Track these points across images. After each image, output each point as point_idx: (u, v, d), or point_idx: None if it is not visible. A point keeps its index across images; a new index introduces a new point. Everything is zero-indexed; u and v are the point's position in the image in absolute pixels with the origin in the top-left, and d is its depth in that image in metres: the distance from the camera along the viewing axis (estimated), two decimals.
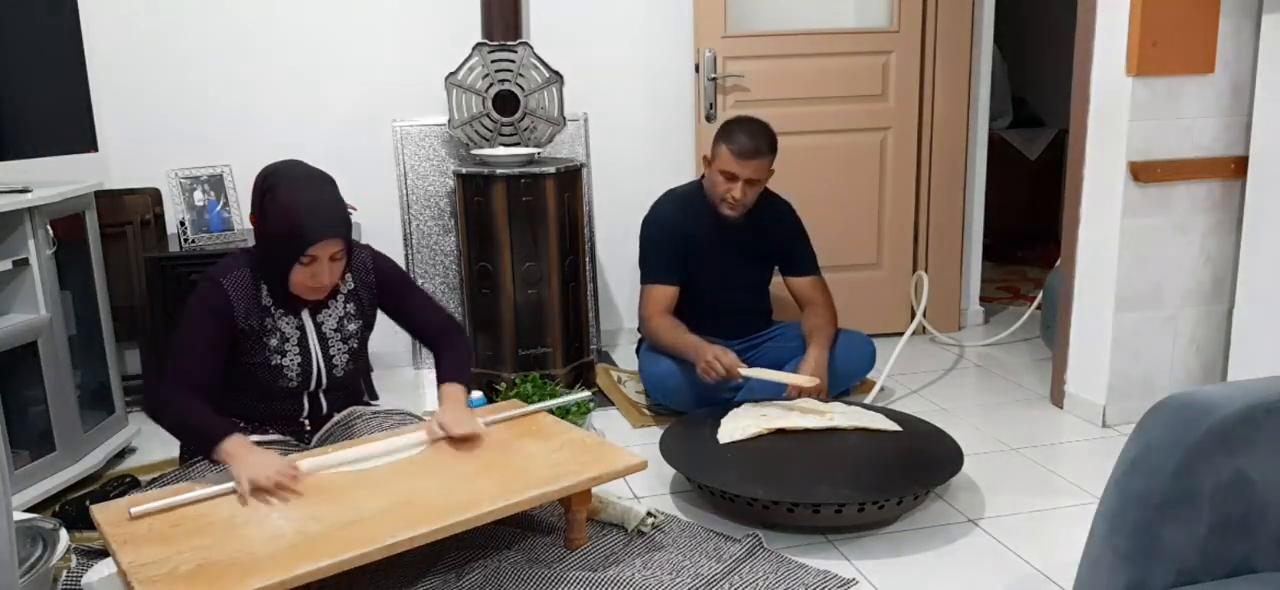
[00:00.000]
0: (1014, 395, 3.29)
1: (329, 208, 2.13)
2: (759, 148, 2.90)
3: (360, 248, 2.36)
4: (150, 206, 3.27)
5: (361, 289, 2.33)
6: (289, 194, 2.10)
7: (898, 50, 3.72)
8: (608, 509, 2.31)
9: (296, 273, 2.12)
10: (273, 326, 2.20)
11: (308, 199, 2.11)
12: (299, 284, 2.15)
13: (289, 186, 2.12)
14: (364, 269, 2.34)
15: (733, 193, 2.92)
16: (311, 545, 1.77)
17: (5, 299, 2.55)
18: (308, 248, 2.08)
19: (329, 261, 2.13)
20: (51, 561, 1.93)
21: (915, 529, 2.32)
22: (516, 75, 3.43)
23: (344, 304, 2.30)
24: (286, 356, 2.22)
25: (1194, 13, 2.75)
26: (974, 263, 4.07)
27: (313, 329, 2.25)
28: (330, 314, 2.28)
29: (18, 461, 2.49)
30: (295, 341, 2.23)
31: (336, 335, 2.29)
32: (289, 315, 2.23)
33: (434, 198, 3.62)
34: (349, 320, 2.30)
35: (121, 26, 3.29)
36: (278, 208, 2.10)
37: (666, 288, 3.02)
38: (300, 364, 2.24)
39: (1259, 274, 2.74)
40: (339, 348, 2.29)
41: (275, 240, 2.12)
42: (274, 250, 2.13)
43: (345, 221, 2.16)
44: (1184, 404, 1.34)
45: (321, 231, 2.08)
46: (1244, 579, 1.35)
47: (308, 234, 2.07)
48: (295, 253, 2.09)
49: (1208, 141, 2.85)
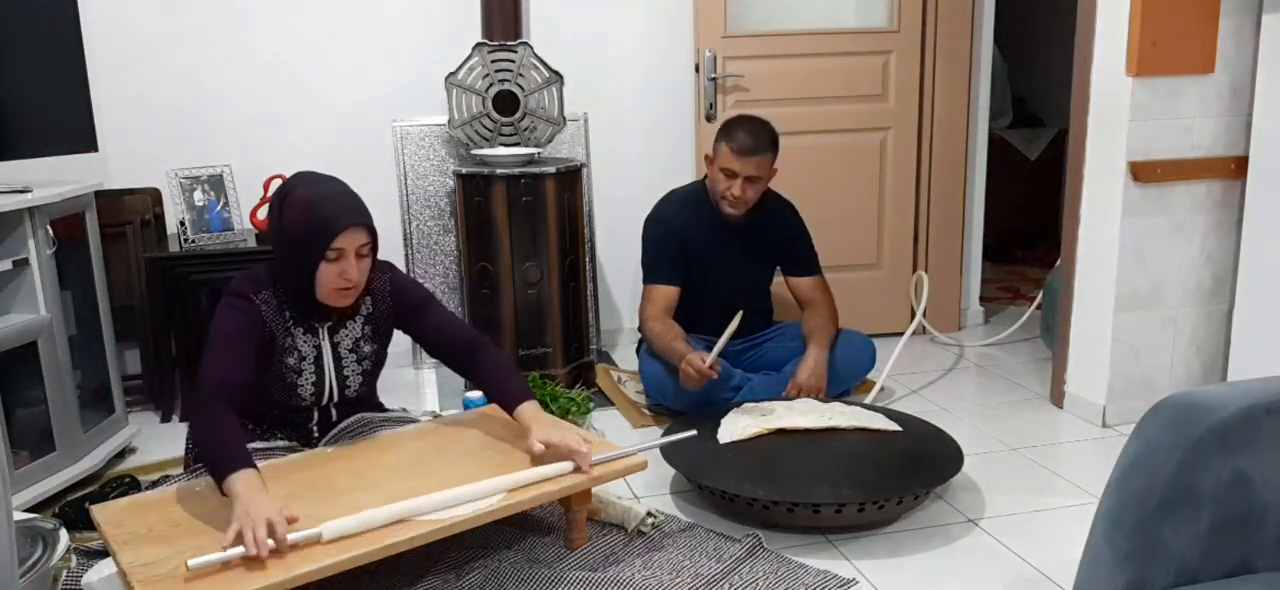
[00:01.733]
0: (1014, 395, 3.29)
1: (350, 199, 2.11)
2: (760, 145, 2.90)
3: (382, 266, 2.29)
4: (150, 206, 3.27)
5: (380, 313, 2.29)
6: (306, 193, 2.09)
7: (898, 50, 3.72)
8: (608, 509, 2.31)
9: (324, 273, 2.07)
10: (291, 345, 2.18)
11: (325, 191, 2.10)
12: (327, 286, 2.09)
13: (304, 187, 2.11)
14: (382, 293, 2.29)
15: (733, 190, 2.92)
16: (311, 545, 1.77)
17: (5, 299, 2.55)
18: (333, 238, 2.04)
19: (356, 257, 2.08)
20: (51, 562, 1.93)
21: (915, 529, 2.32)
22: (516, 75, 3.43)
23: (362, 325, 2.27)
24: (302, 375, 2.20)
25: (1194, 13, 2.75)
26: (974, 263, 4.07)
27: (329, 348, 2.23)
28: (347, 334, 2.25)
29: (18, 462, 2.49)
30: (311, 361, 2.21)
31: (352, 356, 2.26)
32: (307, 334, 2.20)
33: (434, 198, 3.62)
34: (365, 341, 2.28)
35: (121, 26, 3.29)
36: (296, 208, 2.07)
37: (667, 288, 3.02)
38: (315, 383, 2.23)
39: (1259, 274, 2.74)
40: (353, 368, 2.28)
41: (298, 242, 2.07)
42: (300, 252, 2.08)
43: (366, 211, 2.12)
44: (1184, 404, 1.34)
45: (345, 217, 2.06)
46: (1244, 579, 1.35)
47: (332, 223, 2.04)
48: (321, 247, 2.04)
49: (1208, 141, 2.85)
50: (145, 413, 3.24)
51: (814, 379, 2.91)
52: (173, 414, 3.20)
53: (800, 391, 2.89)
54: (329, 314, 2.19)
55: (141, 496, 2.10)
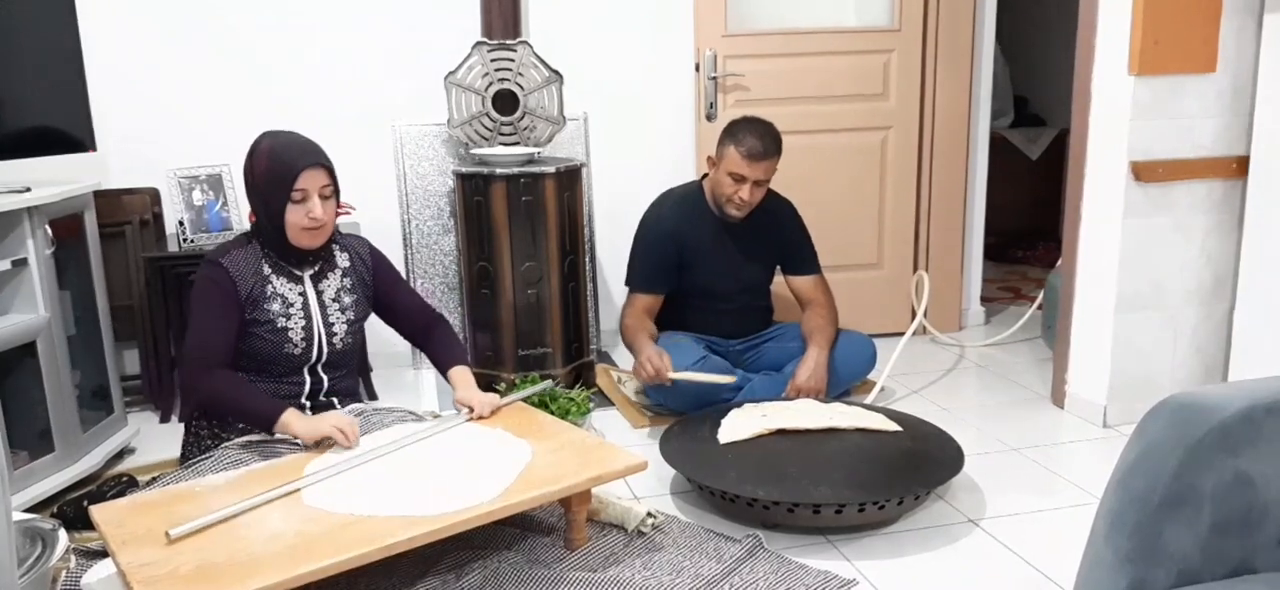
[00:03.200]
0: (1015, 395, 3.28)
1: (306, 142, 2.29)
2: (768, 150, 2.90)
3: (357, 240, 2.50)
4: (149, 206, 3.28)
5: (359, 267, 2.46)
6: (268, 142, 2.28)
7: (899, 49, 3.72)
8: (608, 509, 2.30)
9: (291, 214, 2.24)
10: (274, 292, 2.31)
11: (285, 140, 2.28)
12: (295, 227, 2.25)
13: (266, 139, 2.30)
14: (360, 255, 2.47)
15: (741, 194, 2.92)
16: (311, 546, 1.77)
17: (4, 299, 2.55)
18: (296, 177, 2.21)
19: (320, 198, 2.25)
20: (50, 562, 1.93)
21: (915, 529, 2.32)
22: (516, 74, 3.43)
23: (341, 277, 2.42)
24: (290, 319, 2.32)
25: (1195, 12, 2.74)
26: (975, 262, 4.07)
27: (314, 295, 2.36)
28: (329, 284, 2.39)
29: (17, 462, 2.49)
30: (299, 307, 2.33)
31: (335, 305, 2.39)
32: (291, 283, 2.33)
33: (433, 197, 3.61)
34: (346, 293, 2.41)
35: (121, 26, 3.29)
36: (260, 157, 2.26)
37: (648, 297, 3.04)
38: (304, 328, 2.33)
39: (1260, 274, 2.74)
40: (338, 317, 2.39)
41: (265, 185, 2.24)
42: (268, 197, 2.25)
43: (323, 153, 2.28)
44: (1185, 404, 1.34)
45: (303, 158, 2.23)
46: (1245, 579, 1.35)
47: (292, 165, 2.22)
48: (286, 188, 2.21)
49: (1209, 141, 2.85)
50: (144, 413, 3.24)
51: (813, 380, 2.91)
52: (171, 414, 3.19)
53: (800, 393, 2.89)
54: (307, 260, 2.35)
55: (141, 496, 2.09)
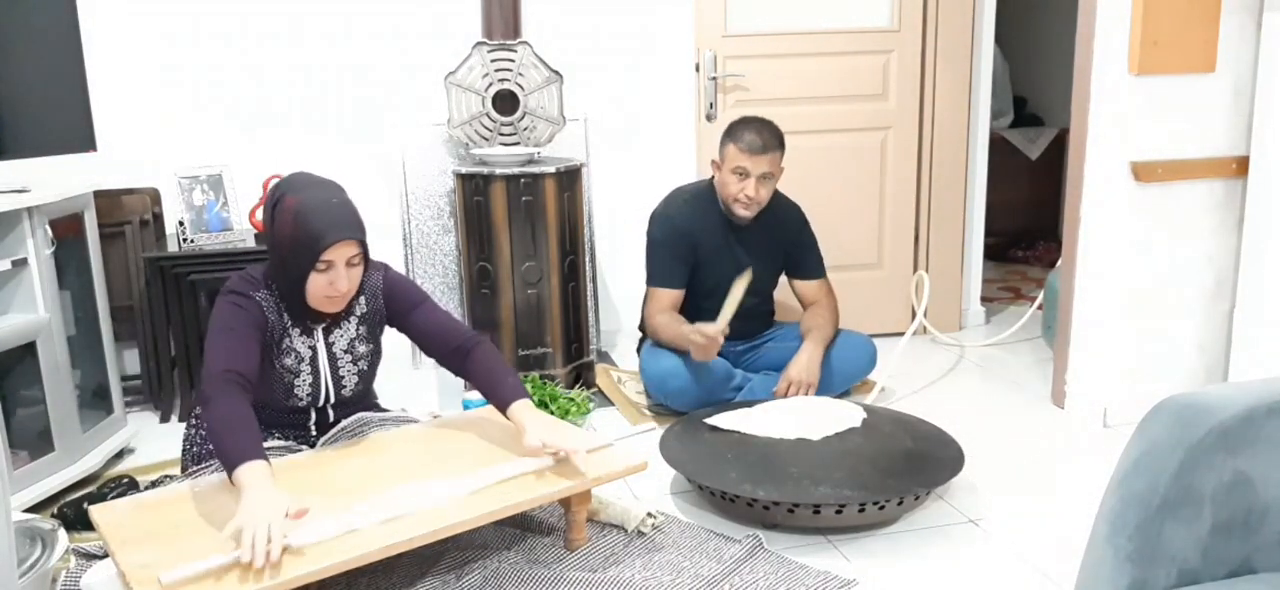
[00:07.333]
0: (1015, 395, 3.28)
1: (340, 209, 2.08)
2: (769, 142, 2.90)
3: (374, 266, 2.28)
4: (149, 206, 3.27)
5: (374, 305, 2.29)
6: (297, 201, 2.05)
7: (898, 50, 3.72)
8: (608, 509, 2.30)
9: (313, 282, 2.07)
10: (289, 346, 2.18)
11: (317, 202, 2.06)
12: (316, 294, 2.09)
13: (296, 194, 2.07)
14: (374, 291, 2.28)
15: (747, 190, 2.91)
16: (310, 546, 1.77)
17: (4, 299, 2.55)
18: (322, 251, 2.02)
19: (346, 267, 2.07)
20: (50, 562, 1.93)
21: (915, 529, 2.32)
22: (516, 75, 3.43)
23: (356, 325, 2.27)
24: (299, 376, 2.20)
25: (1195, 12, 2.74)
26: (975, 263, 4.07)
27: (324, 350, 2.23)
28: (342, 335, 2.25)
29: (16, 462, 2.48)
30: (308, 362, 2.21)
31: (346, 356, 2.26)
32: (303, 335, 2.20)
33: (433, 197, 3.61)
34: (360, 342, 2.28)
35: (121, 26, 3.28)
36: (287, 216, 2.05)
37: (671, 292, 3.02)
38: (311, 384, 2.23)
39: (1260, 274, 2.74)
40: (349, 369, 2.28)
41: (289, 251, 2.06)
42: (288, 262, 2.07)
43: (359, 223, 2.09)
44: (1185, 405, 1.34)
45: (334, 231, 2.03)
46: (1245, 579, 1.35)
47: (321, 236, 2.02)
48: (310, 259, 2.03)
49: (1209, 141, 2.85)
50: (144, 413, 3.24)
51: (806, 374, 2.91)
52: (171, 414, 3.19)
53: (791, 385, 2.89)
54: (323, 317, 2.19)
55: (141, 497, 2.09)
